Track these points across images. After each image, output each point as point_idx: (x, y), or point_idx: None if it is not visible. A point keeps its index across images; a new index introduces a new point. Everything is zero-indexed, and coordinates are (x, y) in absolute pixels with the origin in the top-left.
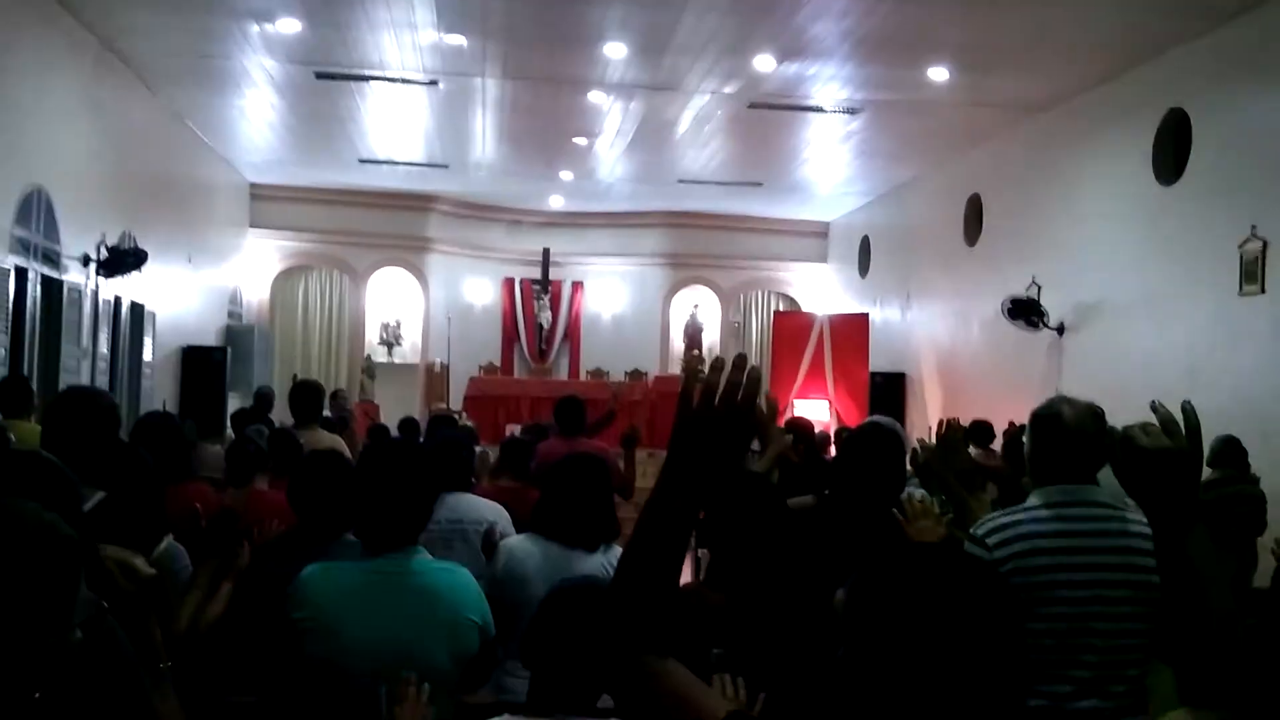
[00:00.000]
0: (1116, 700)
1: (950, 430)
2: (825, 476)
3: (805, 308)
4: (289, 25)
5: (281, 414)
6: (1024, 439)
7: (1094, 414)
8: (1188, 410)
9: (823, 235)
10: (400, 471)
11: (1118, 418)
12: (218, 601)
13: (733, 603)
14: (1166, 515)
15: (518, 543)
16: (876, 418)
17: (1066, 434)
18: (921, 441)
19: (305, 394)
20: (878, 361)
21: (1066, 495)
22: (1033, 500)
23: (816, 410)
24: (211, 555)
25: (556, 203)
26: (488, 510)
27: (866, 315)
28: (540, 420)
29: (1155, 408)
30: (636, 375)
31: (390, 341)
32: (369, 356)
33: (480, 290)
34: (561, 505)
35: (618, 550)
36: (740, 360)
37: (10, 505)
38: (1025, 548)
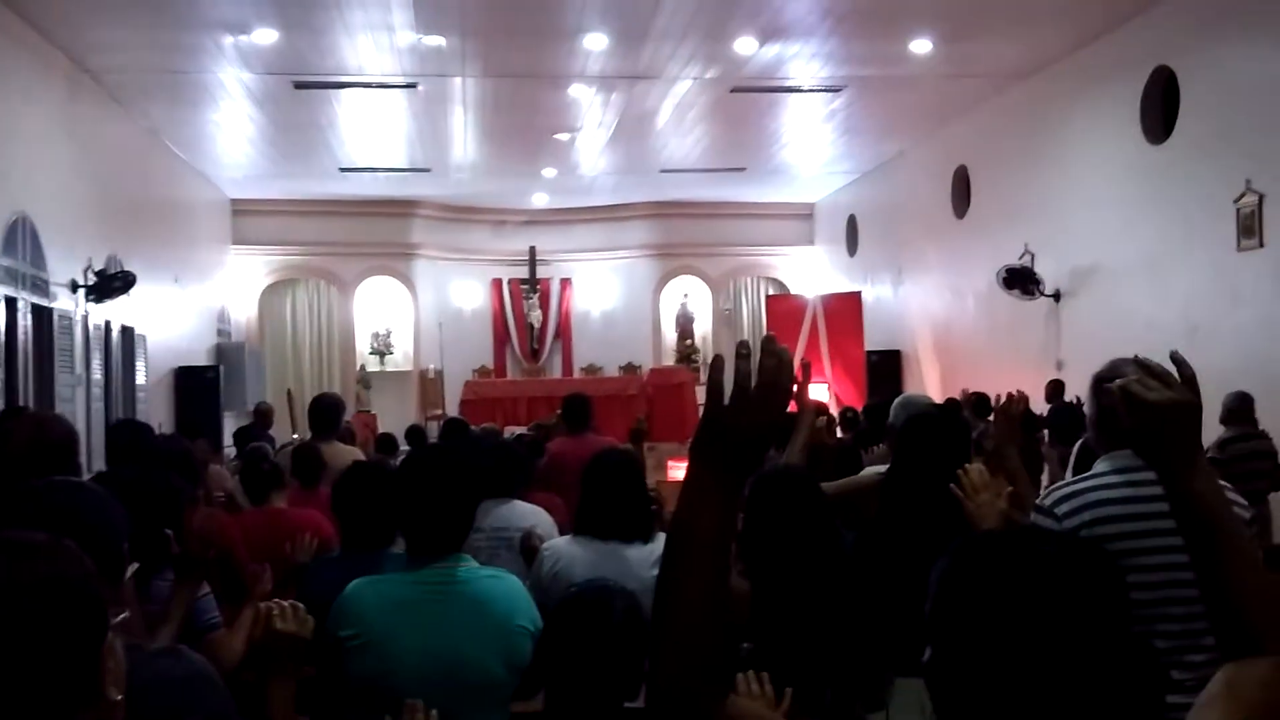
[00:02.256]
0: (1196, 670)
1: (1010, 404)
2: (850, 458)
3: (795, 291)
4: (265, 35)
5: (280, 430)
6: (1084, 406)
7: (1162, 374)
8: (1179, 359)
9: (808, 217)
10: (444, 479)
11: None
12: (240, 630)
13: (760, 593)
14: (1172, 463)
15: (562, 544)
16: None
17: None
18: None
19: (323, 407)
20: (872, 339)
21: (1135, 460)
22: (1101, 466)
23: (815, 392)
24: (186, 582)
25: (540, 200)
26: (531, 516)
27: (858, 294)
28: (542, 420)
29: (1175, 359)
30: (630, 369)
31: (382, 350)
32: (363, 367)
33: (469, 293)
34: (601, 502)
35: (661, 542)
36: (769, 343)
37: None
38: (1096, 515)
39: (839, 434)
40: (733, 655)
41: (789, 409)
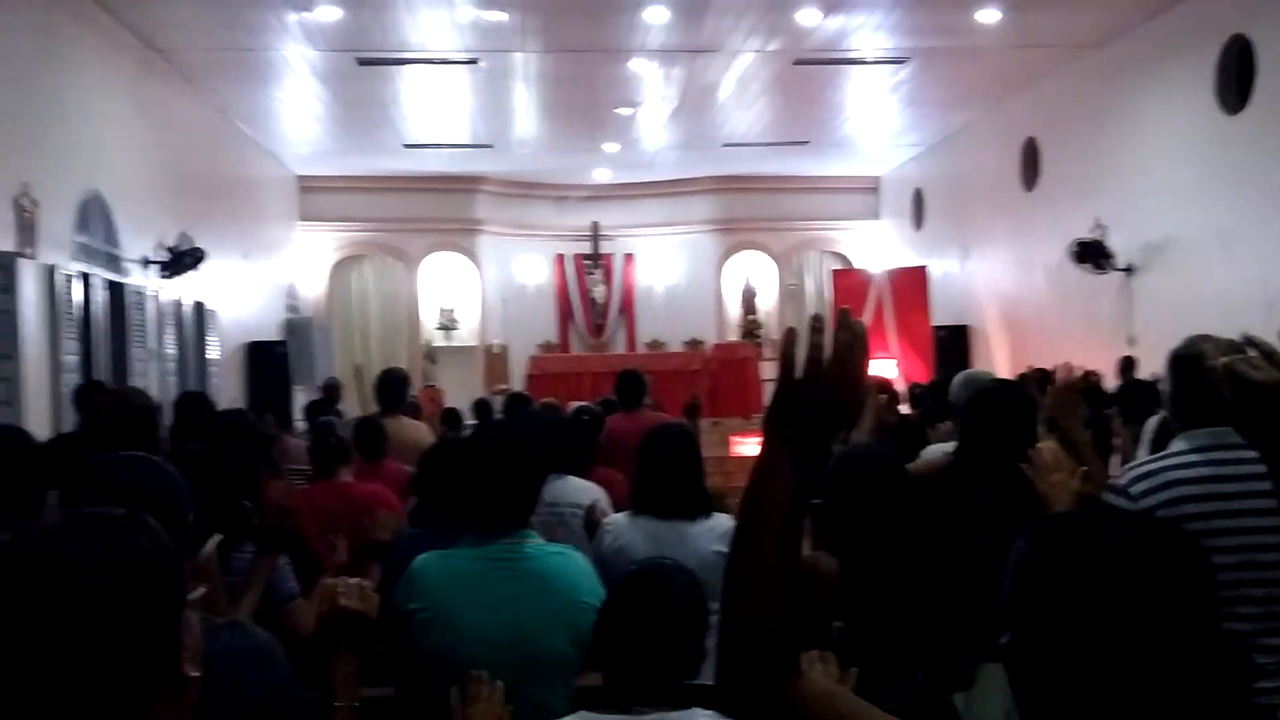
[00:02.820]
0: (1276, 654)
1: (1068, 374)
2: (914, 435)
3: (859, 265)
4: (328, 13)
5: (347, 404)
6: (1160, 383)
7: (1240, 351)
8: (1260, 341)
9: (874, 190)
10: (512, 453)
11: None
12: (317, 600)
13: (851, 572)
14: (1278, 444)
15: (622, 520)
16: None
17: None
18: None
19: (389, 382)
20: (939, 315)
21: (1215, 439)
22: (1178, 445)
23: (882, 368)
24: (267, 552)
25: (603, 175)
26: (585, 492)
27: (925, 268)
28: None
29: (1251, 339)
30: (694, 344)
31: (447, 325)
32: (429, 342)
33: (532, 268)
34: (657, 479)
35: (720, 519)
36: (844, 317)
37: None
38: (1172, 495)
39: (905, 410)
40: (824, 634)
41: (864, 386)
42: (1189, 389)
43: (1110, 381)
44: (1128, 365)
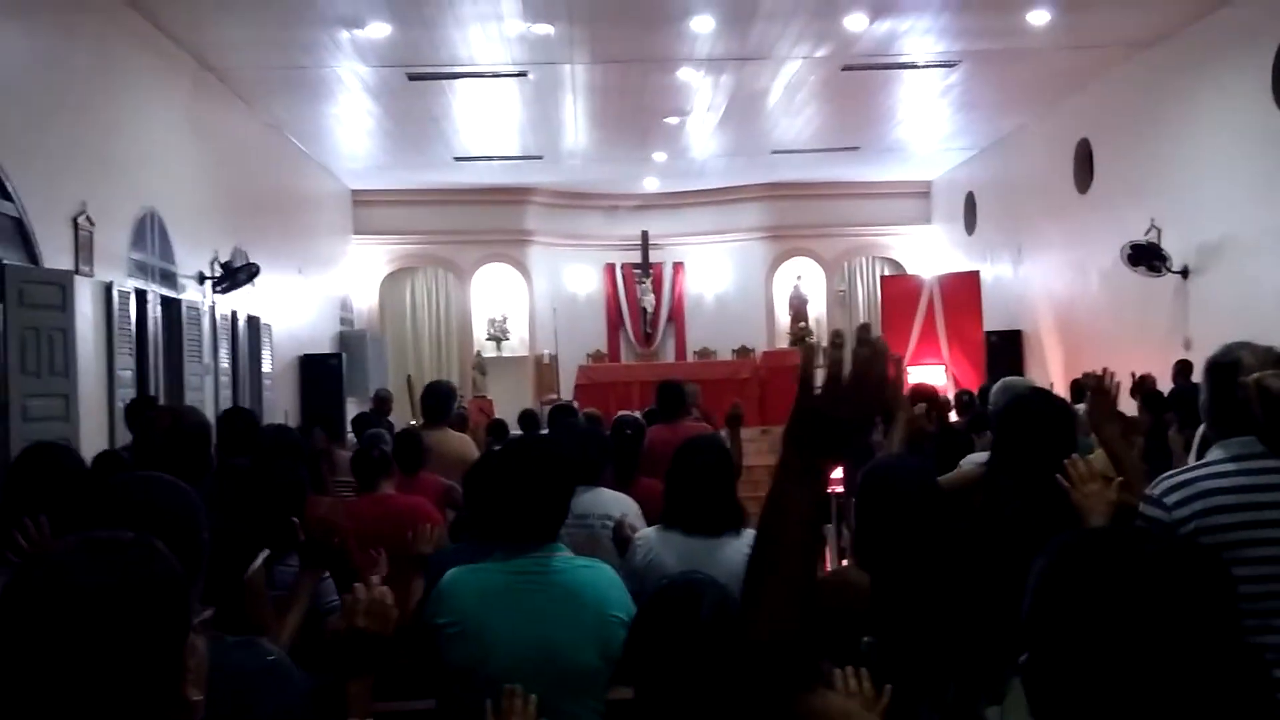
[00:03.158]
0: None
1: (1096, 379)
2: (957, 442)
3: (911, 271)
4: (378, 30)
5: (399, 415)
6: (1200, 390)
7: (1278, 359)
8: None
9: (925, 195)
10: (539, 467)
11: None
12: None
13: (881, 585)
14: None
15: (653, 534)
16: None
17: (1242, 389)
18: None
19: (435, 395)
20: (992, 320)
21: (1251, 448)
22: (1215, 454)
23: (932, 375)
24: (311, 568)
25: (652, 185)
26: (614, 504)
27: (977, 273)
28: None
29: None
30: (744, 352)
31: (498, 336)
32: (479, 353)
33: (582, 278)
34: (686, 495)
35: (750, 534)
36: (863, 332)
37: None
38: (1206, 505)
39: (954, 418)
40: (854, 649)
41: (886, 399)
42: (1225, 397)
43: (1165, 386)
44: (1183, 369)
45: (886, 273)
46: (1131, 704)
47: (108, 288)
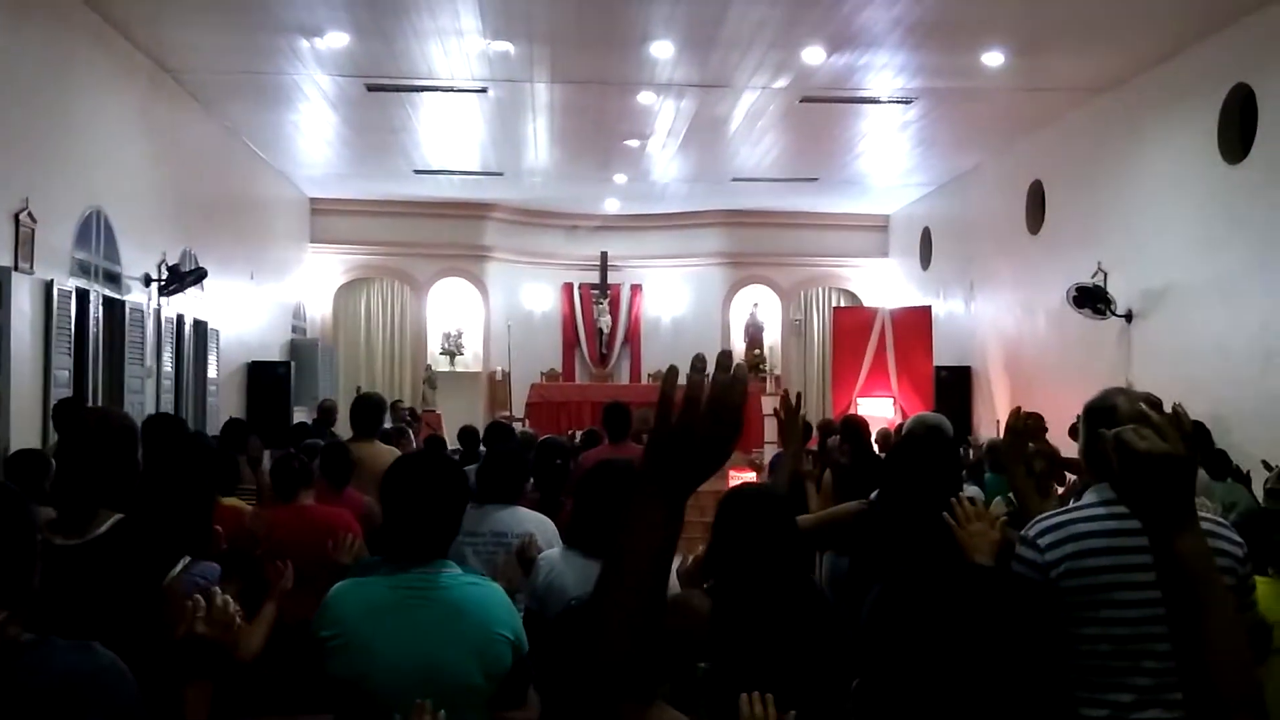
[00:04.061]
0: (1177, 710)
1: (1017, 419)
2: (878, 475)
3: (867, 303)
4: (337, 39)
5: (347, 427)
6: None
7: (1153, 405)
8: (1181, 413)
9: (883, 228)
10: (425, 485)
11: (1191, 404)
12: (260, 624)
13: (721, 612)
14: (1159, 517)
15: (556, 555)
16: (924, 416)
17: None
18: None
19: (365, 407)
20: (942, 355)
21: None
22: (1088, 498)
23: (881, 407)
24: (235, 579)
25: (612, 206)
26: (532, 523)
27: (929, 308)
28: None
29: (1144, 413)
30: None
31: (452, 351)
32: (429, 366)
33: (539, 297)
34: (589, 516)
35: None
36: (724, 358)
37: None
38: (1078, 548)
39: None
40: (690, 673)
41: (740, 424)
42: (1098, 442)
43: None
44: None
45: (842, 303)
46: None
47: (48, 286)
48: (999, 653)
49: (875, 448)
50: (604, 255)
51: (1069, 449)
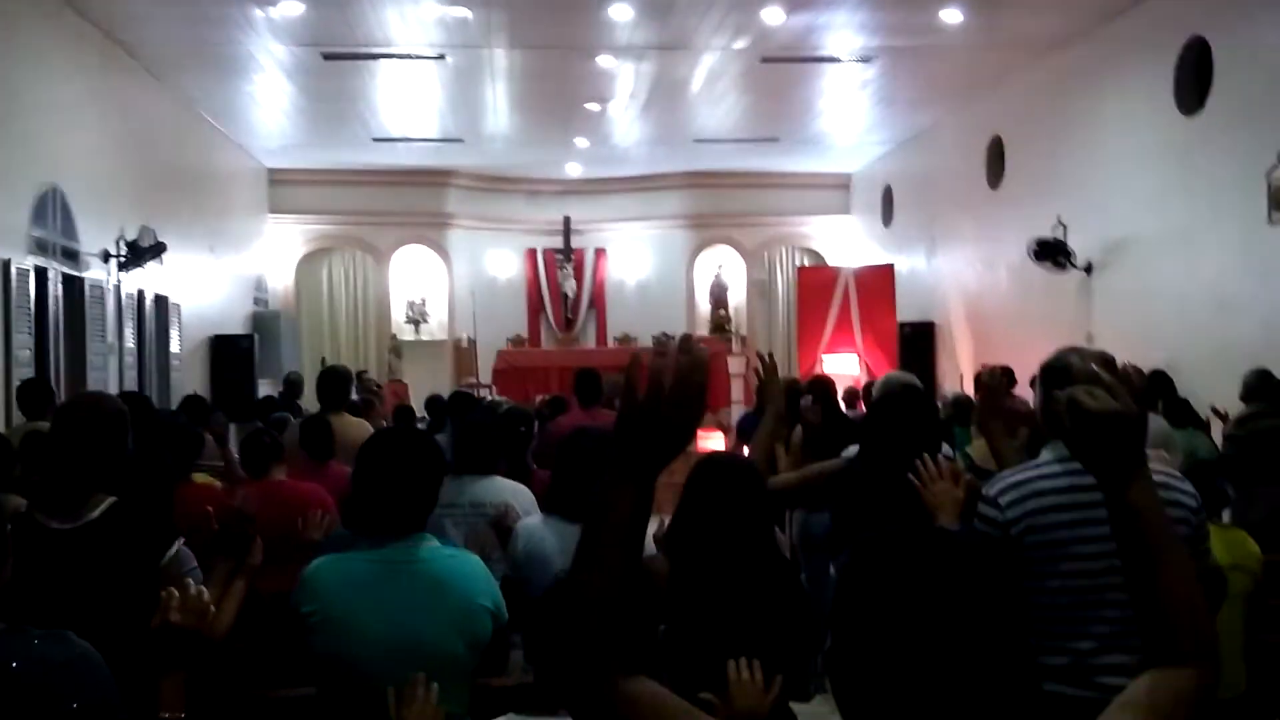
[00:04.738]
0: (1136, 654)
1: (993, 377)
2: (848, 433)
3: (830, 261)
4: (292, 8)
5: (313, 399)
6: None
7: (1106, 363)
8: (1131, 372)
9: (845, 187)
10: (401, 458)
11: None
12: (230, 601)
13: (679, 574)
14: (1112, 472)
15: (535, 524)
16: (893, 375)
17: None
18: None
19: (332, 380)
20: (905, 312)
21: None
22: (1045, 455)
23: (846, 364)
24: (225, 558)
25: (574, 170)
26: (509, 492)
27: (891, 266)
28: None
29: (1095, 374)
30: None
31: (417, 319)
32: (395, 336)
33: (503, 263)
34: (570, 481)
35: None
36: (685, 342)
37: None
38: (1037, 505)
39: (864, 409)
40: (650, 637)
41: (703, 405)
42: (1053, 402)
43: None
44: None
45: (805, 263)
46: (915, 692)
47: (5, 265)
48: (963, 615)
49: (842, 406)
50: (567, 220)
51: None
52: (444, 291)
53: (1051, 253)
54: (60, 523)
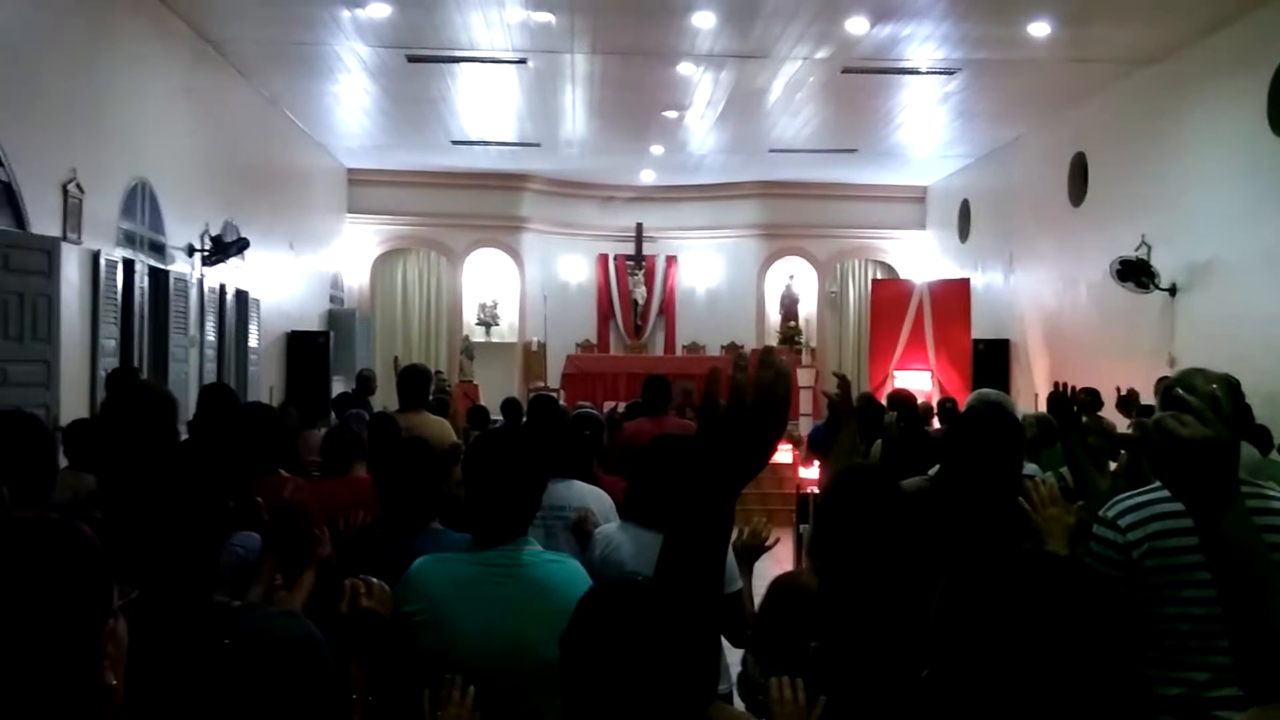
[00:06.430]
0: None
1: (1061, 394)
2: (930, 450)
3: (904, 275)
4: (379, 10)
5: (384, 396)
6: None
7: (1229, 385)
8: (1220, 396)
9: (920, 200)
10: (510, 462)
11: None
12: (300, 592)
13: (830, 589)
14: (1204, 501)
15: (613, 529)
16: (985, 392)
17: (1142, 428)
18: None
19: (414, 378)
20: (980, 328)
21: None
22: None
23: (918, 380)
24: (274, 550)
25: (648, 177)
26: (590, 496)
27: (968, 281)
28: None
29: (1186, 398)
30: (733, 348)
31: (488, 321)
32: (467, 337)
33: (575, 267)
34: (649, 489)
35: None
36: (767, 355)
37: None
38: (1160, 528)
39: (937, 425)
40: (800, 653)
41: (785, 419)
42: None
43: (1149, 401)
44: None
45: (879, 276)
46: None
47: (95, 256)
48: (1074, 645)
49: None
50: (639, 226)
51: (1120, 424)
52: (515, 294)
53: (1134, 273)
54: None
